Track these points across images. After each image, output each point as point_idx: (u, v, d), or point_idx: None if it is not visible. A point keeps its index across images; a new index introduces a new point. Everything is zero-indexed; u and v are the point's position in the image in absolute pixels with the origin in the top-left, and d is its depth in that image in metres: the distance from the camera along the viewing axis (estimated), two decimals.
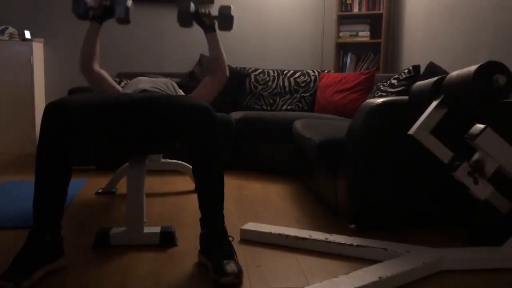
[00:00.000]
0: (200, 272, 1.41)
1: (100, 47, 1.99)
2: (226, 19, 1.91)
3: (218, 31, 1.96)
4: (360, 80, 3.38)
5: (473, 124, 1.53)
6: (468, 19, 2.74)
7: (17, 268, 1.28)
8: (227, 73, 1.98)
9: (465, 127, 1.59)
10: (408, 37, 3.64)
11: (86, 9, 1.89)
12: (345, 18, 3.96)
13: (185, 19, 1.90)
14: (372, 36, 3.92)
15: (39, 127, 1.41)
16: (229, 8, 1.91)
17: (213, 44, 1.95)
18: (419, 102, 1.66)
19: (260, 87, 3.71)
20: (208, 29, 1.94)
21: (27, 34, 3.72)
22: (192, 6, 1.91)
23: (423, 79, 2.17)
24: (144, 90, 1.88)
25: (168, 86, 2.05)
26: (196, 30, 2.13)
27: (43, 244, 1.36)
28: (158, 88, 1.94)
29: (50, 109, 1.40)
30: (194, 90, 2.00)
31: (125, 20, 1.90)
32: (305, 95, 3.66)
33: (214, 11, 1.94)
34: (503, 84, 1.31)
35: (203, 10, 1.91)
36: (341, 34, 3.98)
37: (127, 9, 1.88)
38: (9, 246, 1.61)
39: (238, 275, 1.31)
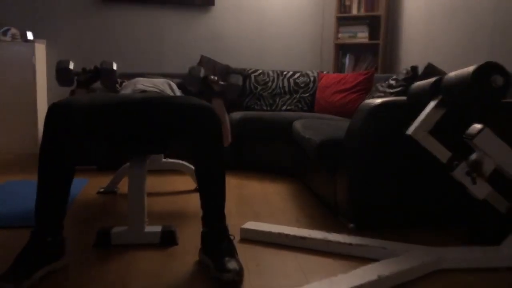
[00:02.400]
0: (201, 271, 1.42)
1: None
2: (233, 89, 1.87)
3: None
4: (359, 80, 3.39)
5: (471, 124, 1.54)
6: (466, 20, 2.75)
7: (17, 268, 1.29)
8: (230, 139, 1.93)
9: (463, 127, 1.61)
10: (406, 38, 3.66)
11: (70, 76, 1.83)
12: (344, 20, 3.98)
13: (195, 84, 1.86)
14: (371, 37, 3.93)
15: (41, 127, 1.42)
16: (238, 77, 1.88)
17: (219, 109, 1.86)
18: (417, 102, 1.68)
19: (260, 88, 3.72)
20: (215, 94, 1.89)
21: (30, 35, 3.73)
22: (203, 71, 1.88)
23: (422, 80, 2.19)
24: (143, 91, 1.89)
25: (168, 86, 2.06)
26: (196, 31, 2.13)
27: (44, 244, 1.37)
28: (157, 88, 1.95)
29: (53, 109, 1.40)
30: None
31: (113, 85, 1.89)
32: (304, 95, 3.68)
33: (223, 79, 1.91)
34: (500, 84, 1.32)
35: (212, 77, 1.88)
36: (340, 35, 3.99)
37: (114, 72, 1.85)
38: (9, 246, 1.61)
39: (240, 272, 1.32)
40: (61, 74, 1.81)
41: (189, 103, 1.52)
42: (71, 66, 1.84)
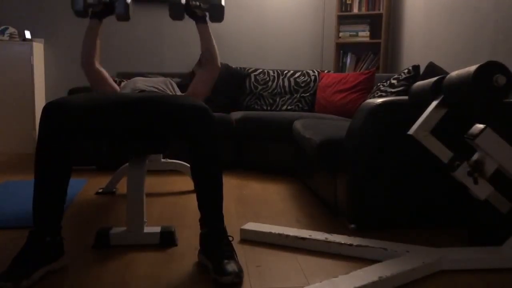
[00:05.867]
0: (200, 272, 1.41)
1: (100, 44, 2.00)
2: (217, 10, 1.90)
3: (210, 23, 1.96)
4: (360, 80, 3.38)
5: (473, 124, 1.53)
6: (467, 19, 2.74)
7: (16, 268, 1.28)
8: (219, 64, 1.98)
9: (465, 127, 1.60)
10: (408, 37, 3.65)
11: (85, 6, 1.87)
12: (345, 18, 3.97)
13: (177, 11, 1.88)
14: (372, 36, 3.92)
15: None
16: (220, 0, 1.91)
17: (205, 35, 1.95)
18: (419, 102, 1.67)
19: (260, 87, 3.71)
20: (200, 20, 1.94)
21: (27, 34, 3.72)
22: None
23: (423, 79, 2.18)
24: (142, 91, 1.88)
25: (168, 85, 2.06)
26: (196, 30, 2.12)
27: (43, 244, 1.36)
28: (157, 88, 1.95)
29: (49, 108, 1.40)
30: (189, 86, 2.01)
31: (125, 16, 1.90)
32: (305, 95, 3.67)
33: (205, 2, 1.94)
34: (502, 84, 1.31)
35: (194, 2, 1.90)
36: (341, 34, 3.98)
37: (127, 5, 1.88)
38: (9, 246, 1.61)
39: (239, 275, 1.31)
40: (76, 2, 1.84)
41: (186, 103, 1.52)
42: None
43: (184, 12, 1.92)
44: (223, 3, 1.90)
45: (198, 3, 1.91)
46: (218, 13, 1.92)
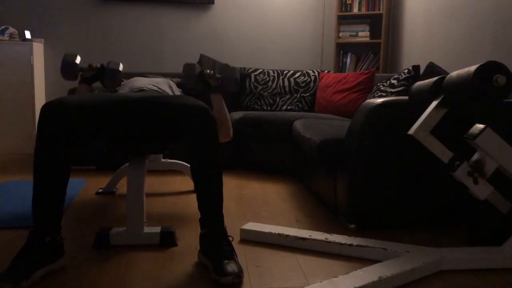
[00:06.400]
0: (200, 272, 1.41)
1: None
2: (231, 82, 1.85)
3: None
4: (360, 80, 3.38)
5: (473, 124, 1.53)
6: (468, 19, 2.74)
7: (16, 268, 1.28)
8: (231, 134, 1.91)
9: (465, 127, 1.60)
10: (408, 37, 3.65)
11: (75, 71, 1.83)
12: (345, 18, 3.97)
13: (190, 80, 1.83)
14: (372, 36, 3.92)
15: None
16: (234, 70, 1.86)
17: (218, 105, 1.88)
18: (419, 102, 1.67)
19: (260, 87, 3.71)
20: (213, 90, 1.87)
21: (28, 34, 3.72)
22: (198, 68, 1.85)
23: (423, 79, 2.18)
24: (141, 90, 1.87)
25: (167, 85, 2.05)
26: (196, 30, 2.11)
27: (43, 244, 1.36)
28: (156, 87, 1.94)
29: (46, 109, 1.40)
30: None
31: (116, 85, 1.88)
32: (305, 95, 3.66)
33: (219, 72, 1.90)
34: (502, 84, 1.31)
35: (207, 72, 1.85)
36: (341, 34, 3.98)
37: (119, 73, 1.85)
38: (9, 246, 1.61)
39: (239, 275, 1.31)
40: (66, 67, 1.80)
41: (185, 103, 1.52)
42: (78, 60, 1.84)
43: (197, 81, 1.86)
44: (237, 75, 1.84)
45: (212, 73, 1.86)
46: (231, 85, 1.85)
